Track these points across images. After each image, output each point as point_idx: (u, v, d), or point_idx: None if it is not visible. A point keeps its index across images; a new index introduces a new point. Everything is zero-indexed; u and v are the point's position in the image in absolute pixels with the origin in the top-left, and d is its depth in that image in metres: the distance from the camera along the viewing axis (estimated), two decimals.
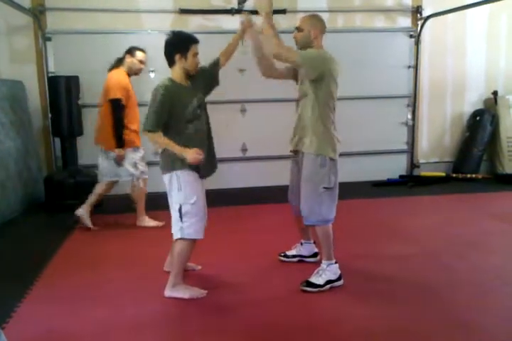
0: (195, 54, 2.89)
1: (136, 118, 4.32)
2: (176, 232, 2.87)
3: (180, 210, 2.82)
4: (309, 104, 2.97)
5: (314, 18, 3.10)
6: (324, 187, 2.93)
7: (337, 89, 3.01)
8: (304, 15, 3.16)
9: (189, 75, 2.94)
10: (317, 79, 2.91)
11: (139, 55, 4.29)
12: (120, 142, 4.19)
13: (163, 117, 2.80)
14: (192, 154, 2.74)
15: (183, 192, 2.83)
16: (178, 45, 2.87)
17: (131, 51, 4.30)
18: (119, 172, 4.35)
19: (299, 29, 3.07)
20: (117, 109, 4.17)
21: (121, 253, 3.74)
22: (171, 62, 2.91)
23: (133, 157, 4.32)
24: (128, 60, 4.30)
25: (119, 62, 4.32)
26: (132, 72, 4.34)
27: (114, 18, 5.66)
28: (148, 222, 4.48)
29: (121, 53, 4.36)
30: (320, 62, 2.92)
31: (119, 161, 4.27)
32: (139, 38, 5.70)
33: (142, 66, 4.35)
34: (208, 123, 3.02)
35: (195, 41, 2.90)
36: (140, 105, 4.35)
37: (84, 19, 5.58)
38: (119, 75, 4.25)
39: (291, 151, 3.21)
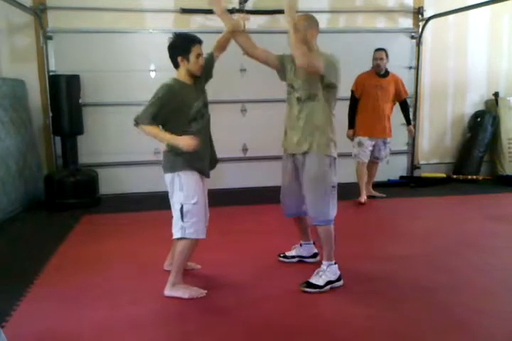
0: (198, 55, 2.81)
1: None
2: (177, 232, 2.85)
3: (181, 210, 2.82)
4: (319, 106, 2.95)
5: (310, 19, 3.02)
6: (332, 187, 2.98)
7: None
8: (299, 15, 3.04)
9: (194, 75, 2.90)
10: (331, 85, 2.92)
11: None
12: None
13: (160, 113, 2.74)
14: (184, 140, 2.70)
15: (184, 192, 2.82)
16: (179, 47, 2.81)
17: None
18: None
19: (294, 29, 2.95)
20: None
21: (121, 252, 3.74)
22: (175, 65, 2.88)
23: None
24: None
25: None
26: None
27: (116, 17, 5.66)
28: (375, 193, 5.48)
29: (122, 52, 4.35)
30: (335, 70, 2.92)
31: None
32: (140, 37, 5.71)
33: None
34: (208, 122, 3.00)
35: (197, 42, 2.82)
36: (140, 105, 4.33)
37: (86, 18, 5.58)
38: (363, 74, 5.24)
39: (290, 154, 3.12)
